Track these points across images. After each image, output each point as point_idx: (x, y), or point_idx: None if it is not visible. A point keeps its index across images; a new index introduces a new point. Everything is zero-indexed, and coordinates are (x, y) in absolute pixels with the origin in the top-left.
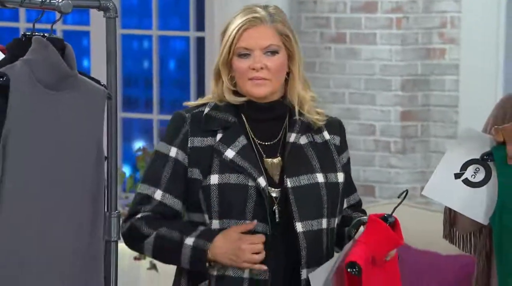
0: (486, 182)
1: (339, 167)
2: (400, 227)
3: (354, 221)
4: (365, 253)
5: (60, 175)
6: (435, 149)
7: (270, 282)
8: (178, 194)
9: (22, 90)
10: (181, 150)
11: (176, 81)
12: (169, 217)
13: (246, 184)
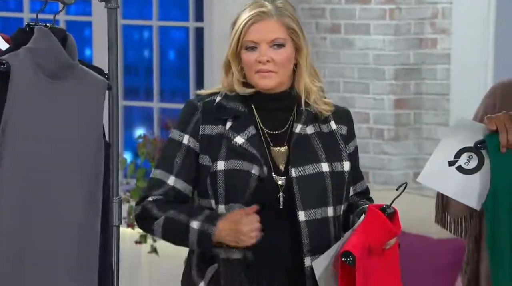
0: (479, 169)
1: (345, 156)
2: (398, 217)
3: (358, 209)
4: (361, 243)
5: (59, 161)
6: (427, 136)
7: (276, 268)
8: (189, 180)
9: (23, 78)
10: (192, 137)
11: (175, 70)
12: (179, 202)
13: (250, 171)
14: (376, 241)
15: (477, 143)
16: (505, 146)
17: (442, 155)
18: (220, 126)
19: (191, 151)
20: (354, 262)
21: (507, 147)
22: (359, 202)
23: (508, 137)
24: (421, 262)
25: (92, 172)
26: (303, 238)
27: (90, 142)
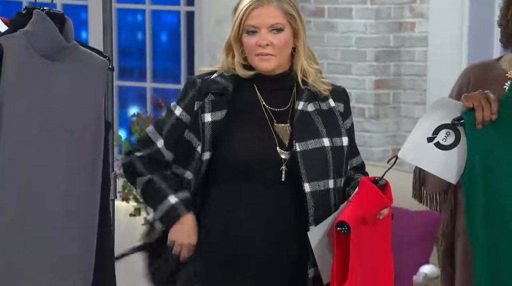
0: (456, 145)
1: (343, 132)
2: (390, 188)
3: (353, 182)
4: (355, 213)
5: (57, 138)
6: (406, 115)
7: (282, 239)
8: (173, 147)
9: (17, 59)
10: (185, 111)
11: (167, 52)
12: (161, 164)
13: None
14: (369, 212)
15: (455, 119)
16: (480, 122)
17: (421, 131)
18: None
19: (180, 123)
20: (348, 231)
21: (482, 123)
22: (355, 176)
23: (483, 114)
24: (398, 234)
25: (92, 149)
26: (309, 208)
27: (89, 120)
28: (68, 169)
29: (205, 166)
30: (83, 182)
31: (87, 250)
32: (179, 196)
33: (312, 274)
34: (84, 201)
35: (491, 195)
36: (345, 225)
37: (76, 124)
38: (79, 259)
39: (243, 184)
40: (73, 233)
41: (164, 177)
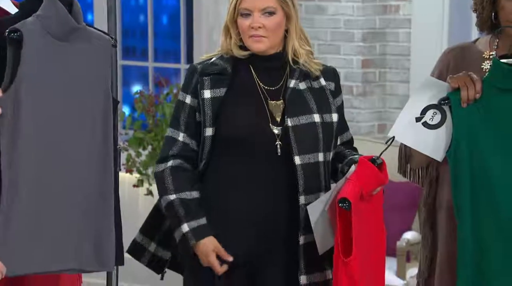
0: (442, 124)
1: (333, 109)
2: (386, 167)
3: (347, 159)
4: (354, 190)
5: (71, 118)
6: (390, 92)
7: (274, 208)
8: (194, 134)
9: (35, 43)
10: (193, 97)
11: (168, 33)
12: (192, 158)
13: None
14: (367, 189)
15: (441, 99)
16: (465, 101)
17: (410, 111)
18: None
19: (192, 109)
20: (350, 207)
21: (467, 102)
22: (346, 152)
23: (468, 93)
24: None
25: (103, 125)
26: (299, 179)
27: (99, 97)
28: (83, 144)
29: (208, 143)
30: (97, 155)
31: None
32: (191, 224)
33: (303, 241)
34: (100, 171)
35: (476, 168)
36: (346, 202)
37: (88, 101)
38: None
39: (240, 158)
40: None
41: (183, 201)
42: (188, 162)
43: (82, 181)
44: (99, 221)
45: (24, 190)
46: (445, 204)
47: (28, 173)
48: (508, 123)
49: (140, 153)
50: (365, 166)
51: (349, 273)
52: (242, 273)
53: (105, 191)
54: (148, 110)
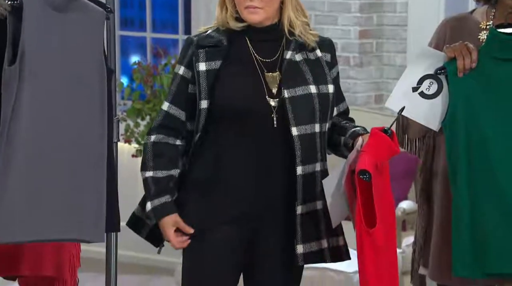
0: (439, 94)
1: (329, 80)
2: (396, 137)
3: (349, 131)
4: (371, 162)
5: (68, 88)
6: (387, 63)
7: (272, 179)
8: (182, 106)
9: (34, 12)
10: (187, 68)
11: (166, 4)
12: (177, 128)
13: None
14: (381, 159)
15: (437, 69)
16: (462, 70)
17: (406, 82)
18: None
19: (184, 80)
20: (370, 178)
21: (463, 72)
22: (344, 123)
23: (464, 62)
24: None
25: (99, 94)
26: (296, 150)
27: (94, 67)
28: (80, 111)
29: (203, 115)
30: (94, 123)
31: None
32: (154, 203)
33: (300, 211)
34: (96, 140)
35: (472, 137)
36: (366, 173)
37: (84, 71)
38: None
39: (237, 131)
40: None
41: (156, 179)
42: (172, 133)
43: (80, 150)
44: (97, 190)
45: (21, 157)
46: (441, 173)
47: (25, 142)
48: (504, 92)
49: (139, 123)
50: (378, 137)
51: (374, 243)
52: (241, 240)
53: (103, 160)
54: (146, 81)
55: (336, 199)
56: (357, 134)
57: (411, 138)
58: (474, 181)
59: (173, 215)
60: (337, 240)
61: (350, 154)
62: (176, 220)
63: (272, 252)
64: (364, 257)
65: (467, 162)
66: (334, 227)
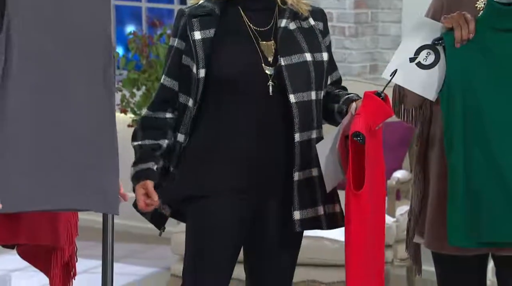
0: (436, 64)
1: (323, 48)
2: (389, 101)
3: (343, 98)
4: (365, 124)
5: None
6: (382, 33)
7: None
8: (176, 77)
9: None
10: (180, 39)
11: None
12: (172, 100)
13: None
14: (375, 123)
15: (435, 40)
16: (459, 41)
17: (404, 52)
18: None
19: (177, 51)
20: (364, 140)
21: (460, 43)
22: (337, 92)
23: (462, 33)
24: None
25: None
26: (294, 117)
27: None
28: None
29: (201, 84)
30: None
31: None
32: (135, 169)
33: (297, 178)
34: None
35: (469, 107)
36: (360, 135)
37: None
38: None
39: (234, 99)
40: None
41: (141, 147)
42: (165, 107)
43: (81, 121)
44: (101, 161)
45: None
46: (437, 143)
47: (22, 112)
48: (502, 63)
49: (134, 93)
50: (371, 100)
51: (361, 205)
52: (241, 208)
53: (106, 131)
54: (141, 51)
55: (330, 163)
56: (351, 100)
57: (408, 108)
58: (469, 151)
59: (147, 182)
60: (333, 207)
61: (344, 118)
62: (146, 187)
63: (271, 219)
64: (349, 218)
65: (463, 132)
66: (328, 191)
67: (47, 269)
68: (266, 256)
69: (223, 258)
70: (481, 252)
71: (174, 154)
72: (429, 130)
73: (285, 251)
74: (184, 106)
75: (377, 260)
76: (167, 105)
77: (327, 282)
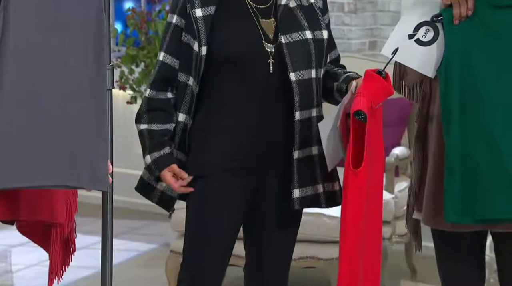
0: (435, 41)
1: (323, 26)
2: (390, 79)
3: (342, 77)
4: (366, 103)
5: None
6: (382, 8)
7: (272, 124)
8: (176, 55)
9: None
10: (179, 16)
11: None
12: (172, 78)
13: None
14: (375, 100)
15: (434, 16)
16: (457, 18)
17: (402, 29)
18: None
19: (177, 28)
20: (365, 119)
21: (459, 19)
22: (336, 70)
23: (460, 10)
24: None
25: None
26: (295, 95)
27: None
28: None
29: (203, 62)
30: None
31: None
32: (154, 155)
33: (297, 156)
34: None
35: (467, 84)
36: (362, 114)
37: (80, 19)
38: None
39: (234, 77)
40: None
41: (151, 132)
42: (166, 86)
43: (75, 97)
44: (94, 138)
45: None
46: (436, 119)
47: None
48: (500, 40)
49: (133, 69)
50: (373, 79)
51: (358, 183)
52: (242, 186)
53: (100, 108)
54: (140, 27)
55: (331, 142)
56: (351, 78)
57: (408, 84)
58: (466, 128)
59: (172, 166)
60: (332, 185)
61: (345, 97)
62: (173, 169)
63: (271, 197)
64: (346, 196)
65: (460, 109)
66: (329, 170)
67: (47, 245)
68: (266, 233)
69: (223, 236)
70: (478, 228)
71: (176, 134)
72: (428, 107)
73: (284, 229)
74: (184, 85)
75: (374, 238)
76: (168, 84)
77: (325, 258)
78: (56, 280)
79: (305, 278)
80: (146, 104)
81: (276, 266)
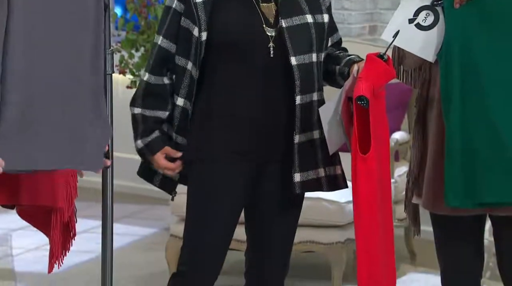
0: (435, 25)
1: (324, 9)
2: (391, 62)
3: (344, 60)
4: (368, 87)
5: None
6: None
7: (273, 109)
8: (174, 39)
9: None
10: (178, 1)
11: None
12: (166, 63)
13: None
14: (377, 84)
15: (434, 0)
16: (458, 2)
17: (403, 13)
18: None
19: (176, 13)
20: (368, 104)
21: (459, 3)
22: (338, 53)
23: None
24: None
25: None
26: (295, 80)
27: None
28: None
29: (203, 47)
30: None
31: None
32: (145, 140)
33: (298, 140)
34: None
35: (467, 68)
36: (364, 99)
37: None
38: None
39: (234, 62)
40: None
41: (144, 117)
42: (163, 71)
43: (74, 82)
44: (93, 121)
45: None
46: (436, 104)
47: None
48: (501, 23)
49: (133, 54)
50: (374, 62)
51: (368, 168)
52: (241, 170)
53: (98, 92)
54: (140, 11)
55: (333, 126)
56: (353, 61)
57: (407, 69)
58: (467, 111)
59: (166, 147)
60: (334, 169)
61: (347, 81)
62: (165, 150)
63: (272, 181)
64: (357, 183)
65: (461, 92)
66: (331, 154)
67: (47, 229)
68: (267, 218)
69: (224, 220)
70: (478, 212)
71: (174, 117)
72: (428, 92)
73: (286, 213)
74: (183, 69)
75: (386, 219)
76: (165, 68)
77: (325, 243)
78: (56, 264)
79: (305, 262)
80: (143, 88)
81: (277, 251)
